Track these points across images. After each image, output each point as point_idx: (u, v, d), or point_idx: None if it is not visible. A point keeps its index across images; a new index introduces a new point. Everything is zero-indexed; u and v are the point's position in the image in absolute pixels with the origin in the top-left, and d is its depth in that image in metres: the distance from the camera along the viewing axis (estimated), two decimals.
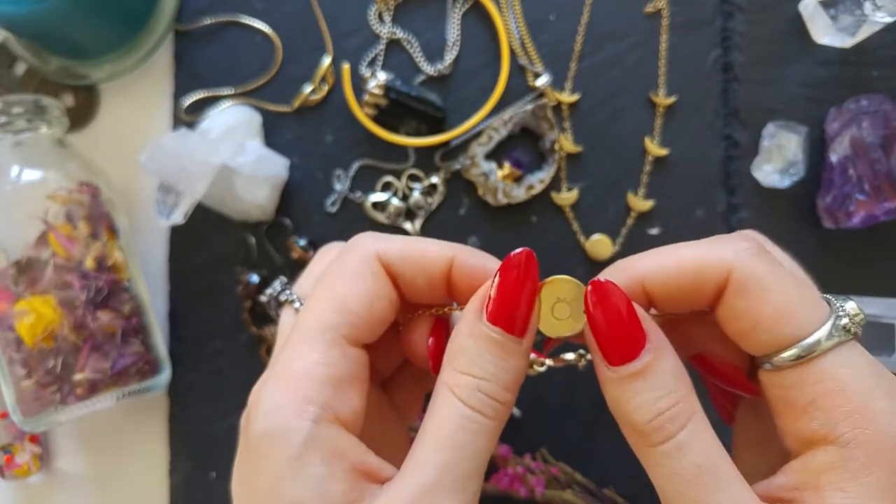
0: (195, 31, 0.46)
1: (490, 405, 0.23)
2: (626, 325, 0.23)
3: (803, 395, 0.23)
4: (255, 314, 0.44)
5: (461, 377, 0.23)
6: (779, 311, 0.23)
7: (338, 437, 0.23)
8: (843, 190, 0.41)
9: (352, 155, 0.45)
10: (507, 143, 0.44)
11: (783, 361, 0.23)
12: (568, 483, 0.42)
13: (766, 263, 0.23)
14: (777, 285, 0.23)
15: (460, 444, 0.22)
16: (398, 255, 0.26)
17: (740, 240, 0.24)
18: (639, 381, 0.23)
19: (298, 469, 0.22)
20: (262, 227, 0.45)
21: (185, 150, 0.40)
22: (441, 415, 0.23)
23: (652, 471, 0.23)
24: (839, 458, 0.22)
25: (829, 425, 0.22)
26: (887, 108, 0.41)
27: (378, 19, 0.45)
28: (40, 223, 0.38)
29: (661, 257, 0.25)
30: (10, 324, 0.37)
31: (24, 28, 0.42)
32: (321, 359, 0.24)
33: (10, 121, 0.39)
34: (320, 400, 0.23)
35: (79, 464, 0.46)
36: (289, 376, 0.24)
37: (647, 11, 0.44)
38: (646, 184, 0.44)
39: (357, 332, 0.25)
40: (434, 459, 0.22)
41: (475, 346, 0.24)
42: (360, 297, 0.25)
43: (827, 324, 0.23)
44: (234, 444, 0.45)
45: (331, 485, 0.22)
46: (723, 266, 0.23)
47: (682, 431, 0.22)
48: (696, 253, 0.24)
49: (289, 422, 0.22)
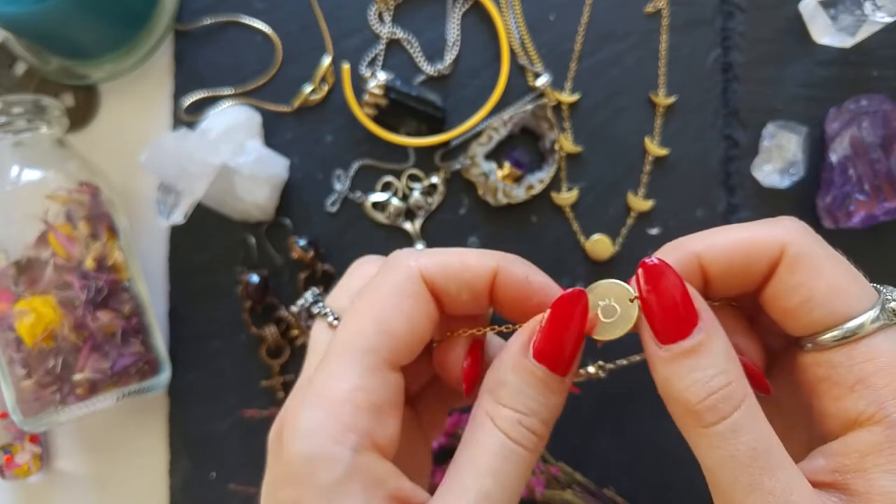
0: (195, 31, 0.46)
1: (529, 438, 0.23)
2: (679, 303, 0.23)
3: (851, 374, 0.22)
4: (255, 314, 0.44)
5: (503, 409, 0.23)
6: (832, 286, 0.23)
7: (377, 466, 0.23)
8: (843, 190, 0.41)
9: (352, 155, 0.45)
10: (507, 143, 0.44)
11: (828, 341, 0.23)
12: (568, 483, 0.42)
13: (818, 242, 0.24)
14: (830, 263, 0.23)
15: (499, 473, 0.23)
16: (441, 271, 0.25)
17: (789, 220, 0.25)
18: (691, 359, 0.23)
19: (339, 497, 0.22)
20: (262, 227, 0.45)
21: (185, 150, 0.40)
22: (481, 443, 0.23)
23: (704, 453, 0.22)
24: (887, 438, 0.21)
25: (876, 404, 0.22)
26: (887, 108, 0.41)
27: (378, 19, 0.45)
28: (40, 223, 0.38)
29: (716, 235, 0.25)
30: (10, 324, 0.37)
31: (24, 28, 0.42)
32: (362, 383, 0.23)
33: (10, 121, 0.39)
34: (360, 427, 0.23)
35: (79, 464, 0.46)
36: (329, 399, 0.23)
37: (647, 11, 0.44)
38: (646, 184, 0.44)
39: (397, 356, 0.24)
40: (474, 487, 0.22)
41: (518, 381, 0.24)
42: (402, 320, 0.24)
43: (877, 305, 0.23)
44: (234, 445, 0.45)
45: None
46: (777, 241, 0.24)
47: (736, 412, 0.22)
48: (750, 231, 0.25)
49: (329, 448, 0.22)
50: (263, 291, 0.43)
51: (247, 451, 0.44)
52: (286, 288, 0.45)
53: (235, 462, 0.44)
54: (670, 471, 0.43)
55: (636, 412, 0.43)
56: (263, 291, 0.43)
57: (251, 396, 0.44)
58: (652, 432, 0.43)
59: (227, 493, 0.44)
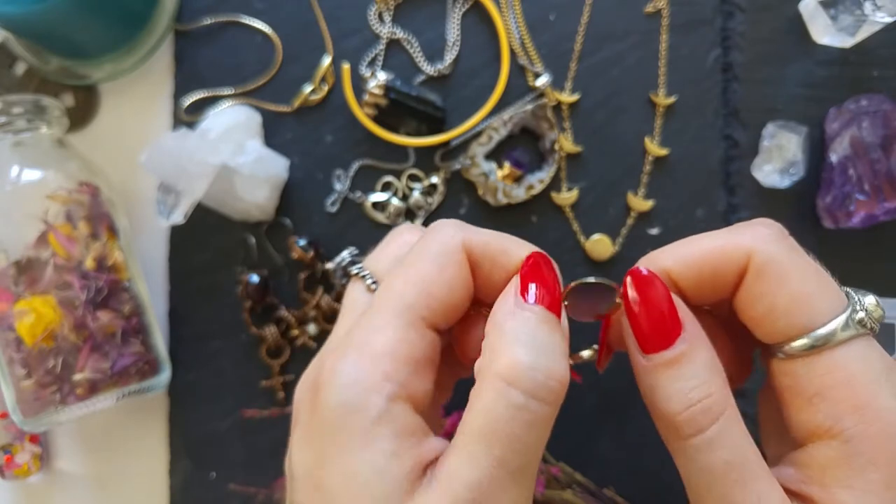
0: (195, 31, 0.46)
1: (543, 386, 0.22)
2: (664, 313, 0.23)
3: (811, 386, 0.23)
4: (255, 314, 0.44)
5: (508, 364, 0.22)
6: (795, 297, 0.23)
7: (408, 417, 0.23)
8: (843, 190, 0.41)
9: (352, 155, 0.45)
10: (507, 143, 0.44)
11: (795, 350, 0.23)
12: (568, 483, 0.42)
13: (786, 249, 0.24)
14: (795, 272, 0.23)
15: (511, 436, 0.21)
16: (482, 247, 0.26)
17: (760, 226, 0.24)
18: (673, 370, 0.23)
19: (368, 442, 0.22)
20: (262, 227, 0.45)
21: (185, 150, 0.40)
22: (488, 405, 0.22)
23: (681, 463, 0.23)
24: (843, 453, 0.22)
25: (833, 418, 0.22)
26: (887, 108, 0.41)
27: (378, 19, 0.45)
28: (40, 223, 0.38)
29: (685, 247, 0.25)
30: (10, 324, 0.37)
31: (24, 28, 0.42)
32: (403, 336, 0.24)
33: (10, 121, 0.39)
34: (398, 378, 0.23)
35: (79, 464, 0.46)
36: (370, 352, 0.23)
37: (647, 11, 0.44)
38: (646, 184, 0.44)
39: (436, 316, 0.25)
40: (480, 453, 0.21)
41: (516, 326, 0.23)
42: (443, 283, 0.25)
43: (842, 315, 0.22)
44: (234, 445, 0.45)
45: (395, 462, 0.22)
46: (743, 250, 0.24)
47: (713, 425, 0.22)
48: (718, 240, 0.25)
49: (365, 396, 0.22)
50: (263, 291, 0.43)
51: (247, 451, 0.44)
52: (286, 288, 0.45)
53: (235, 462, 0.44)
54: (670, 471, 0.43)
55: (636, 412, 0.43)
56: (263, 291, 0.43)
57: (251, 396, 0.44)
58: (652, 432, 0.42)
59: (227, 493, 0.44)
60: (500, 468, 0.21)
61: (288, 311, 0.44)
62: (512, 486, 0.21)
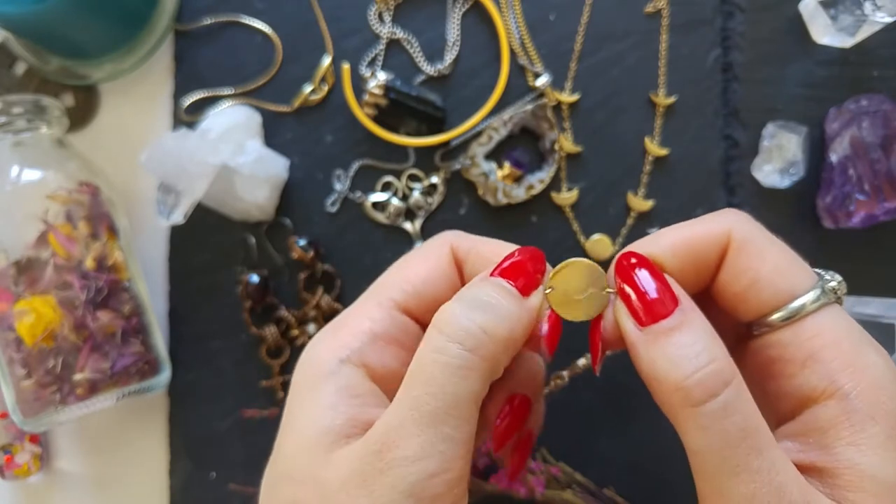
0: (195, 31, 0.46)
1: (467, 332, 0.22)
2: (659, 285, 0.24)
3: (801, 350, 0.23)
4: (255, 314, 0.44)
5: (447, 313, 0.23)
6: (777, 268, 0.24)
7: (358, 380, 0.25)
8: (843, 190, 0.41)
9: (352, 155, 0.45)
10: (507, 143, 0.44)
11: (778, 320, 0.24)
12: (568, 483, 0.42)
13: (760, 229, 0.25)
14: (772, 246, 0.25)
15: (428, 377, 0.22)
16: (467, 246, 0.28)
17: (731, 213, 0.26)
18: (675, 336, 0.22)
19: (312, 395, 0.24)
20: (262, 227, 0.45)
21: (185, 150, 0.40)
22: (419, 352, 0.23)
23: (692, 433, 0.21)
24: (842, 410, 0.22)
25: (828, 378, 0.22)
26: (887, 108, 0.41)
27: (378, 19, 0.45)
28: (40, 223, 0.38)
29: (666, 235, 0.26)
30: (10, 324, 0.37)
31: (24, 28, 0.42)
32: (368, 314, 0.27)
33: (10, 121, 0.39)
34: (353, 346, 0.26)
35: (79, 464, 0.46)
36: (338, 326, 0.27)
37: (647, 11, 0.44)
38: (646, 184, 0.44)
39: (408, 299, 0.27)
40: (401, 397, 0.22)
41: (468, 289, 0.25)
42: (421, 274, 0.27)
43: (818, 285, 0.24)
44: (234, 444, 0.45)
45: (330, 413, 0.24)
46: (723, 230, 0.25)
47: (727, 389, 0.21)
48: (697, 225, 0.26)
49: (321, 358, 0.26)
50: (263, 291, 0.43)
51: (247, 451, 0.44)
52: (286, 288, 0.45)
53: (235, 462, 0.44)
54: (670, 471, 0.43)
55: (636, 412, 0.43)
56: (263, 291, 0.43)
57: (251, 396, 0.44)
58: (652, 432, 0.43)
59: (227, 493, 0.44)
60: (412, 409, 0.22)
61: (288, 311, 0.44)
62: (421, 430, 0.21)
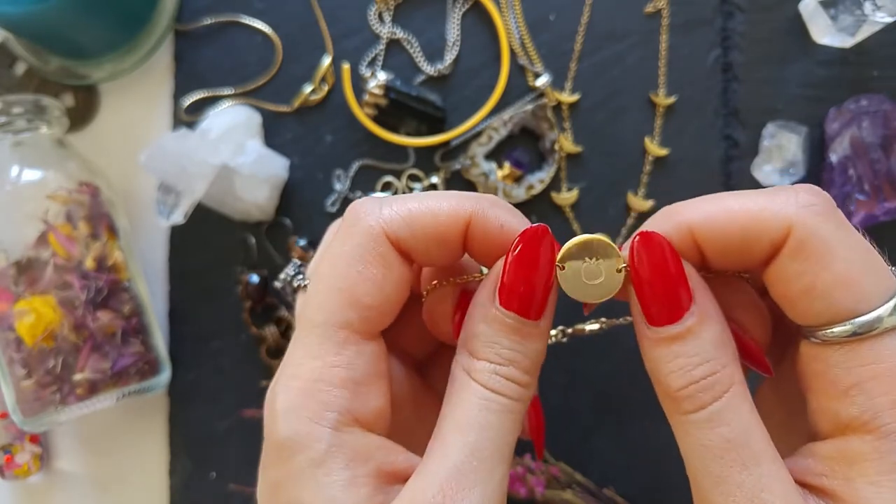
0: (195, 31, 0.46)
1: (510, 387, 0.22)
2: (673, 284, 0.22)
3: (849, 376, 0.21)
4: (255, 314, 0.44)
5: (478, 363, 0.22)
6: (840, 279, 0.20)
7: (360, 441, 0.22)
8: (843, 190, 0.41)
9: (352, 155, 0.45)
10: (507, 143, 0.44)
11: (834, 336, 0.21)
12: (568, 483, 0.42)
13: (833, 223, 0.21)
14: (842, 250, 0.20)
15: (483, 426, 0.21)
16: (407, 226, 0.23)
17: (805, 193, 0.21)
18: (677, 345, 0.21)
19: (321, 476, 0.21)
20: (262, 227, 0.45)
21: (185, 150, 0.40)
22: (461, 398, 0.22)
23: (680, 439, 0.22)
24: (876, 449, 0.20)
25: (871, 412, 0.20)
26: (887, 108, 0.41)
27: (378, 19, 0.45)
28: (40, 223, 0.38)
29: (715, 206, 0.22)
30: (10, 324, 0.37)
31: (24, 28, 0.42)
32: (335, 360, 0.22)
33: (10, 121, 0.40)
34: (338, 405, 0.22)
35: (79, 464, 0.46)
36: (302, 379, 0.22)
37: (647, 11, 0.44)
38: (646, 184, 0.44)
39: (370, 325, 0.23)
40: (458, 443, 0.21)
41: (489, 331, 0.22)
42: (370, 287, 0.23)
43: (891, 301, 0.20)
44: (234, 445, 0.45)
45: (353, 490, 0.21)
46: (783, 221, 0.21)
47: (716, 402, 0.21)
48: (755, 204, 0.22)
49: (308, 428, 0.21)
50: (263, 291, 0.43)
51: (247, 451, 0.44)
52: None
53: (235, 462, 0.44)
54: (670, 471, 0.43)
55: (636, 412, 0.43)
56: (263, 291, 0.43)
57: (251, 396, 0.44)
58: (652, 432, 0.43)
59: (227, 493, 0.44)
60: (472, 457, 0.21)
61: (288, 311, 0.44)
62: (481, 476, 0.21)
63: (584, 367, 0.43)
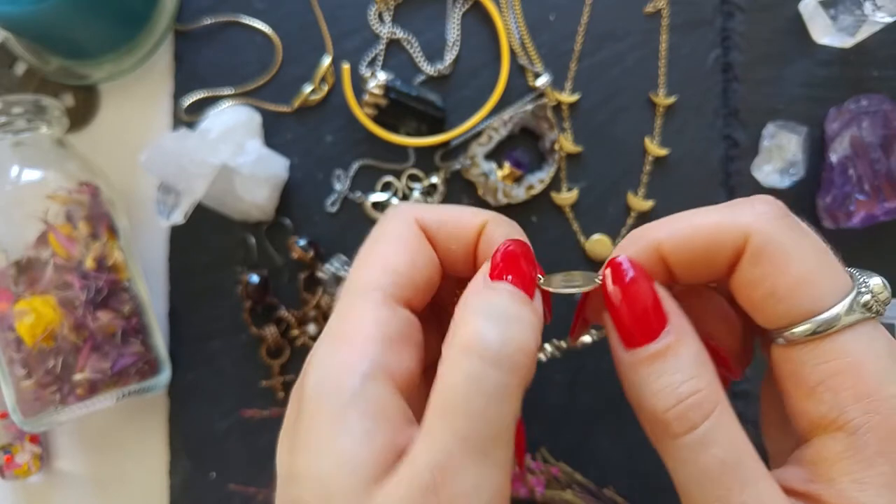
0: (195, 31, 0.46)
1: (507, 356, 0.21)
2: (647, 305, 0.22)
3: (814, 374, 0.21)
4: (255, 314, 0.44)
5: (472, 333, 0.21)
6: (797, 280, 0.21)
7: (387, 397, 0.21)
8: (843, 190, 0.41)
9: (352, 155, 0.45)
10: (507, 143, 0.44)
11: (797, 336, 0.21)
12: (568, 483, 0.42)
13: (788, 228, 0.22)
14: (797, 253, 0.21)
15: (471, 408, 0.20)
16: (435, 219, 0.26)
17: (760, 203, 0.23)
18: (659, 363, 0.22)
19: (340, 424, 0.21)
20: (262, 227, 0.45)
21: (185, 150, 0.40)
22: (449, 377, 0.21)
23: (672, 465, 0.21)
24: (849, 445, 0.20)
25: (838, 409, 0.21)
26: (887, 108, 0.41)
27: (378, 19, 0.45)
28: (40, 223, 0.38)
29: (678, 223, 0.24)
30: (10, 324, 0.37)
31: (24, 28, 0.42)
32: (372, 316, 0.23)
33: (10, 121, 0.39)
34: (372, 355, 0.22)
35: (79, 464, 0.46)
36: (342, 335, 0.23)
37: (647, 11, 0.44)
38: (646, 184, 0.44)
39: (404, 291, 0.24)
40: (442, 427, 0.20)
41: (482, 300, 0.22)
42: (404, 258, 0.25)
43: (847, 298, 0.21)
44: (234, 444, 0.45)
45: (366, 446, 0.20)
46: (741, 230, 0.22)
47: (706, 421, 0.21)
48: (714, 217, 0.23)
49: (341, 375, 0.21)
50: (263, 291, 0.43)
51: (247, 451, 0.44)
52: (286, 288, 0.45)
53: (235, 462, 0.44)
54: None
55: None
56: (263, 291, 0.43)
57: (251, 396, 0.44)
58: None
59: (227, 493, 0.44)
60: (459, 441, 0.20)
61: (288, 311, 0.44)
62: (473, 461, 0.20)
63: (584, 367, 0.43)
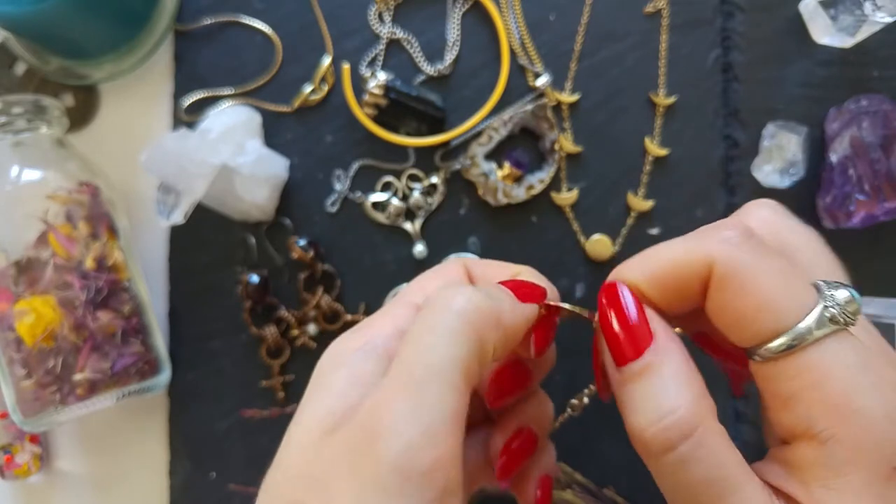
0: (195, 31, 0.46)
1: (460, 306, 0.23)
2: (632, 324, 0.23)
3: (786, 388, 0.22)
4: (255, 314, 0.44)
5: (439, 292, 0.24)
6: (760, 303, 0.22)
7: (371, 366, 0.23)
8: (843, 190, 0.41)
9: (352, 155, 0.45)
10: (507, 143, 0.44)
11: (769, 353, 0.22)
12: (568, 483, 0.42)
13: (749, 253, 0.23)
14: (758, 276, 0.22)
15: (416, 345, 0.22)
16: (480, 271, 0.28)
17: (725, 229, 0.24)
18: (639, 383, 0.22)
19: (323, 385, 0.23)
20: (262, 227, 0.45)
21: (185, 150, 0.40)
22: (412, 325, 0.23)
23: (657, 479, 0.22)
24: (820, 454, 0.21)
25: (808, 420, 0.21)
26: (887, 108, 0.41)
27: (378, 19, 0.45)
28: (40, 223, 0.38)
29: (646, 260, 0.24)
30: (10, 324, 0.37)
31: (24, 28, 0.42)
32: (392, 314, 0.26)
33: (10, 121, 0.39)
34: (379, 340, 0.24)
35: (79, 464, 0.46)
36: (361, 327, 0.26)
37: (647, 11, 0.44)
38: (646, 184, 0.44)
39: None
40: (390, 369, 0.22)
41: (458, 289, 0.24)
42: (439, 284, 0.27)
43: (812, 314, 0.21)
44: (234, 445, 0.45)
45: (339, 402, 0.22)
46: (703, 261, 0.23)
47: (685, 442, 0.21)
48: (679, 250, 0.24)
49: (340, 350, 0.25)
50: (263, 291, 0.43)
51: (247, 452, 0.44)
52: (286, 288, 0.45)
53: (235, 462, 0.44)
54: None
55: None
56: (263, 291, 0.43)
57: (251, 396, 0.44)
58: None
59: (227, 493, 0.44)
60: (397, 378, 0.22)
61: (288, 311, 0.44)
62: (405, 397, 0.21)
63: (584, 368, 0.43)
